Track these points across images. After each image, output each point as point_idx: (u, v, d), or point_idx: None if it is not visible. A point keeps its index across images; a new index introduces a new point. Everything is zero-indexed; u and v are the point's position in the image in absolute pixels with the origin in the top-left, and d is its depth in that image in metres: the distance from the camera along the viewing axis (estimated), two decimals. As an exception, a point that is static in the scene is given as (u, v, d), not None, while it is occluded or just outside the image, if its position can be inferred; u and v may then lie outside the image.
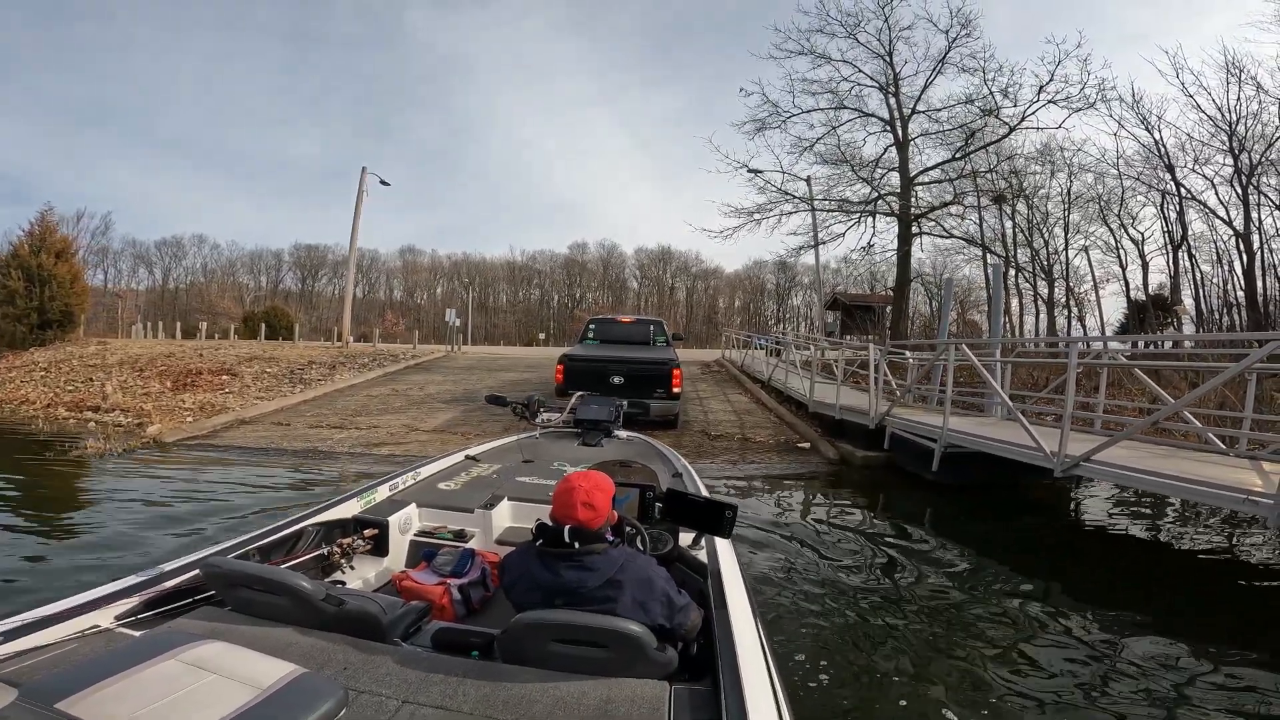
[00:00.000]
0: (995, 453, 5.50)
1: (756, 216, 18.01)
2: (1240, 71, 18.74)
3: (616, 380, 8.25)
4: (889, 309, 21.02)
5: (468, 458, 3.81)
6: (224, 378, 13.02)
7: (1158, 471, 4.13)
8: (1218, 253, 21.82)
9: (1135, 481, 4.24)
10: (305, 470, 6.68)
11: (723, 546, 2.21)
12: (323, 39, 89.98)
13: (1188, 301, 22.59)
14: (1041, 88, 15.55)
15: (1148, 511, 6.16)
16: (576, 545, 1.62)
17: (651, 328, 10.76)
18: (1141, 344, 13.49)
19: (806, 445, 8.31)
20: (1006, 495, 6.38)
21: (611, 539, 1.74)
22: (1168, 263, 23.35)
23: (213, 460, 7.07)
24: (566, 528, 1.64)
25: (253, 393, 11.71)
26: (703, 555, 2.19)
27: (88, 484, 6.16)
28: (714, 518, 2.14)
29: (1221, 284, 22.13)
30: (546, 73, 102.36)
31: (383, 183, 21.52)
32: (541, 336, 51.32)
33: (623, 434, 4.79)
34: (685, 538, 2.29)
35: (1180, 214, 21.22)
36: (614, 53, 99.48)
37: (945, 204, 17.75)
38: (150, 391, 12.00)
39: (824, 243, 18.56)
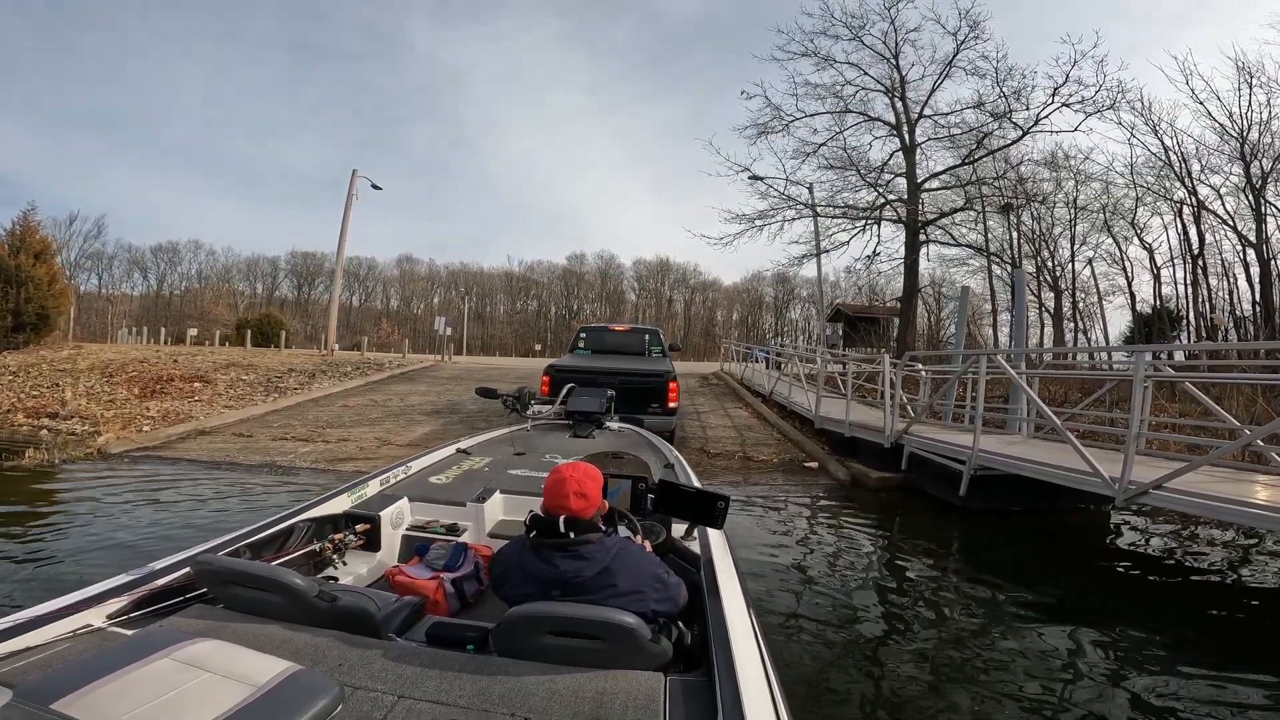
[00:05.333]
0: (1042, 478, 4.84)
1: (759, 223, 17.52)
2: (1251, 77, 18.32)
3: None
4: (895, 320, 20.44)
5: (459, 451, 3.75)
6: (196, 385, 12.32)
7: (1253, 503, 3.46)
8: (1224, 264, 21.31)
9: (1222, 514, 3.58)
10: (255, 487, 5.97)
11: (715, 538, 2.18)
12: (324, 51, 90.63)
13: (1192, 316, 22.03)
14: (1056, 90, 15.08)
15: (1198, 539, 5.47)
16: (571, 535, 1.62)
17: (646, 337, 10.02)
18: (1182, 355, 12.77)
19: (814, 465, 7.63)
20: (1037, 521, 5.75)
21: (604, 528, 1.76)
22: (1172, 274, 22.87)
23: (154, 474, 6.34)
24: (562, 518, 1.64)
25: (223, 401, 11.02)
26: (695, 546, 2.18)
27: (7, 500, 5.44)
28: (706, 509, 2.13)
29: (1227, 295, 21.58)
30: (545, 85, 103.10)
31: (374, 186, 20.93)
32: (538, 347, 50.73)
33: (614, 425, 4.73)
34: (678, 529, 2.29)
35: (1197, 223, 20.68)
36: (612, 65, 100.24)
37: (955, 210, 17.21)
38: (116, 398, 11.30)
39: (827, 251, 18.06)
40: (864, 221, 17.33)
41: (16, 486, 5.84)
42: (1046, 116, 15.61)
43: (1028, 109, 15.71)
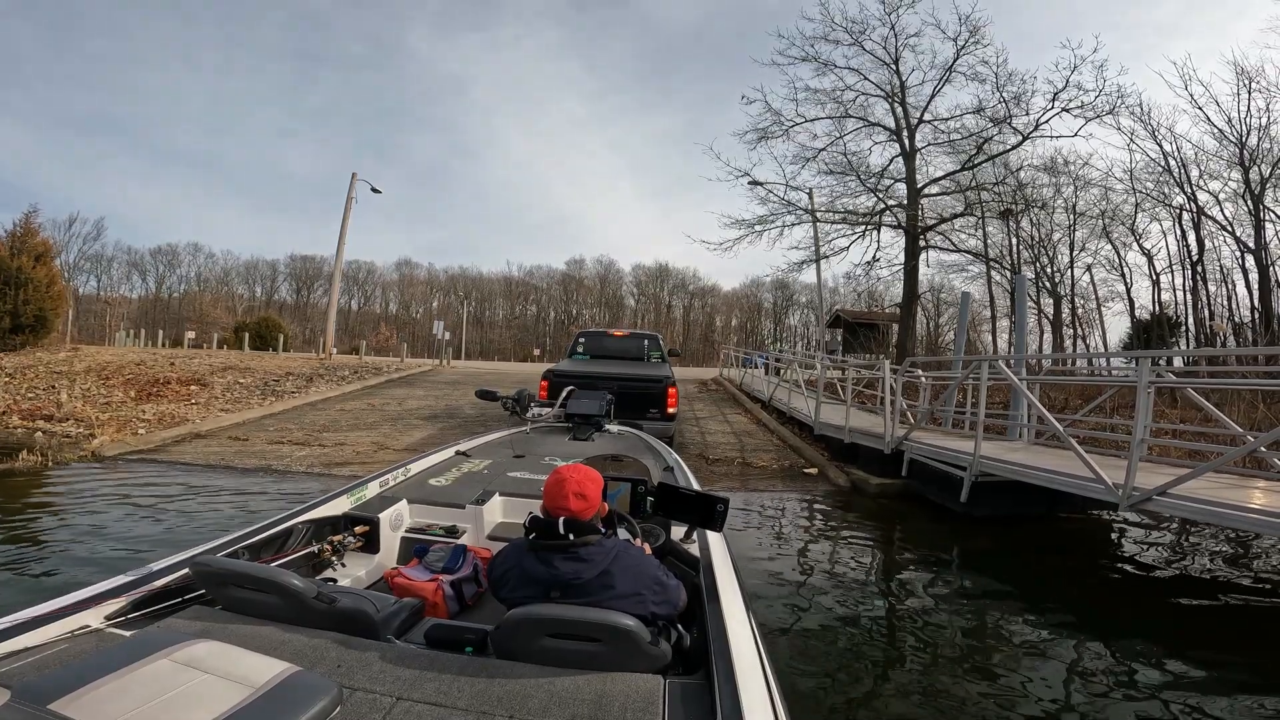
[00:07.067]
0: (1044, 484, 4.78)
1: (758, 228, 17.43)
2: (1251, 81, 18.35)
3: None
4: (894, 326, 20.40)
5: (458, 453, 3.75)
6: (192, 388, 12.26)
7: (1257, 509, 3.41)
8: (1223, 270, 21.32)
9: (1226, 520, 3.53)
10: (250, 491, 5.91)
11: (714, 540, 2.17)
12: (326, 58, 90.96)
13: (1191, 322, 22.04)
14: (1055, 95, 14.99)
15: (1199, 545, 5.42)
16: (571, 537, 1.62)
17: (645, 342, 9.97)
18: (1182, 361, 12.69)
19: (814, 471, 7.58)
20: (1038, 527, 5.72)
21: (603, 530, 1.76)
22: (1171, 280, 22.89)
23: (148, 477, 6.28)
24: (561, 520, 1.64)
25: (219, 404, 10.95)
26: (695, 549, 2.18)
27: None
28: (705, 511, 2.14)
29: (1226, 301, 21.57)
30: (544, 93, 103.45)
31: (374, 190, 20.93)
32: (536, 352, 50.66)
33: (613, 428, 4.70)
34: (677, 531, 2.30)
35: (1196, 229, 20.69)
36: (610, 73, 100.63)
37: (955, 215, 17.18)
38: (111, 401, 11.23)
39: (826, 257, 17.95)
40: (864, 227, 17.28)
41: (10, 489, 5.78)
42: (1046, 122, 15.58)
43: (1028, 114, 15.67)
